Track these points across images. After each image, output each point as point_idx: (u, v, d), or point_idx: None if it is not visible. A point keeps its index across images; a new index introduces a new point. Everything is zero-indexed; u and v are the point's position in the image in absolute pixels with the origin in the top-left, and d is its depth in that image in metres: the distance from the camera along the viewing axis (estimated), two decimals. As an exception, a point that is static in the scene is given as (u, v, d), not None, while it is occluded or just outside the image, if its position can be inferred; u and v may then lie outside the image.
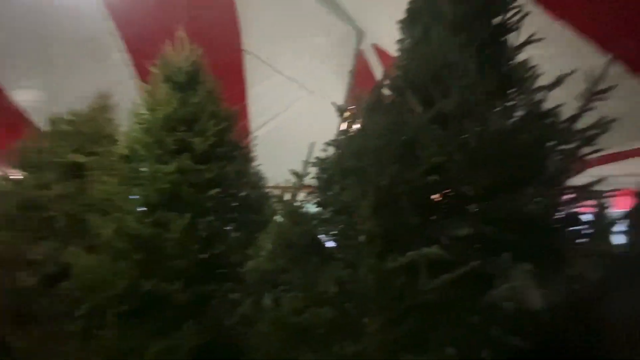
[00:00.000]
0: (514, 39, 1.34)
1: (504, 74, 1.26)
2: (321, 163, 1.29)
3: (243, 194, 1.93)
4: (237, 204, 1.86)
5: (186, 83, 1.94)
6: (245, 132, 2.37)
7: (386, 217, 1.03)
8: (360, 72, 3.75)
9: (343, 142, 1.30)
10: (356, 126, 1.45)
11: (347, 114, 1.67)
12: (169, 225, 1.56)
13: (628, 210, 1.06)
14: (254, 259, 1.37)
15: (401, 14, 1.53)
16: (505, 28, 1.35)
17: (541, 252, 0.98)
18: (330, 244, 1.28)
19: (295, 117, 4.43)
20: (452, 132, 1.11)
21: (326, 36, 3.55)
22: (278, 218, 1.34)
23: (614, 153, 2.98)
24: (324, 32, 3.51)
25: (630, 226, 0.98)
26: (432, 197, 1.13)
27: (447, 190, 1.12)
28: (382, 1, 3.15)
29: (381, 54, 3.94)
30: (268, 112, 4.25)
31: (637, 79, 2.27)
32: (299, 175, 1.30)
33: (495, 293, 0.83)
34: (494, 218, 1.03)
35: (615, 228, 1.02)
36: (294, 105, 4.11)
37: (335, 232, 1.24)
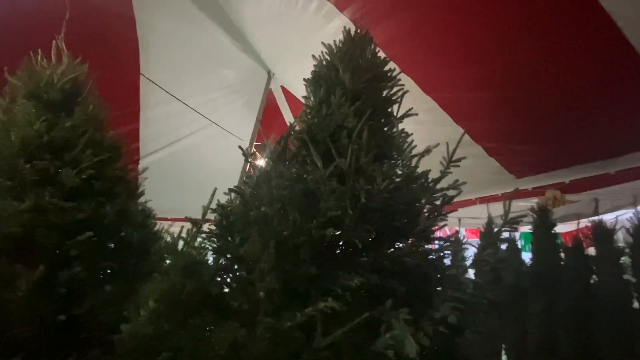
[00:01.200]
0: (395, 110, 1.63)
1: (388, 139, 1.50)
2: (223, 210, 1.24)
3: (122, 235, 1.67)
4: (115, 249, 1.59)
5: (59, 103, 1.63)
6: (133, 161, 2.09)
7: (286, 269, 1.04)
8: (268, 112, 3.85)
9: (247, 189, 1.29)
10: (260, 169, 1.45)
11: (253, 157, 1.68)
12: (14, 281, 1.20)
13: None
14: (130, 322, 1.16)
15: (305, 63, 1.69)
16: (390, 100, 1.62)
17: (416, 297, 1.14)
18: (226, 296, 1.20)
19: (196, 148, 4.20)
20: (347, 188, 1.24)
21: (236, 72, 3.56)
22: (166, 270, 1.20)
23: (463, 200, 3.78)
24: (234, 68, 3.52)
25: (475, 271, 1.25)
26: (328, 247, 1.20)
27: (341, 242, 1.22)
28: (290, 49, 3.39)
29: (288, 95, 4.18)
30: (163, 139, 3.91)
31: (477, 147, 3.00)
32: (196, 223, 1.21)
33: (379, 342, 0.92)
34: (380, 267, 1.16)
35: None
36: (195, 135, 3.90)
37: (233, 284, 1.18)
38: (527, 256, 3.27)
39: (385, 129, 1.52)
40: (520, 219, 1.23)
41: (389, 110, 1.60)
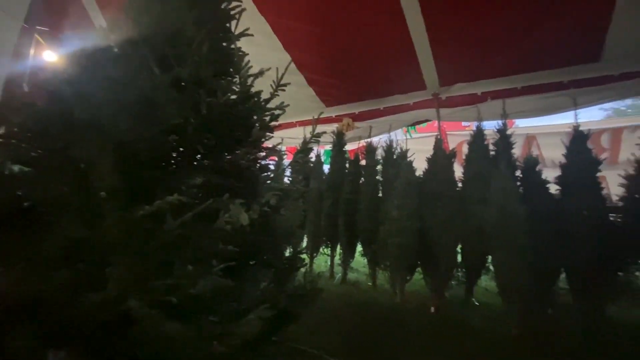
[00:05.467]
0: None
1: (227, 55, 1.58)
2: (32, 110, 1.05)
3: None
4: None
5: None
6: None
7: (128, 172, 1.09)
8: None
9: (63, 89, 1.12)
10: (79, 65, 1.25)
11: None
12: None
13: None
14: None
15: None
16: (229, 15, 1.65)
17: (247, 191, 1.46)
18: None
19: None
20: (187, 98, 1.31)
21: None
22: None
23: (286, 123, 4.37)
24: None
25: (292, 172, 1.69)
26: (171, 153, 1.29)
27: (184, 148, 1.33)
28: None
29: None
30: None
31: (300, 76, 3.44)
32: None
33: (219, 221, 1.19)
34: (219, 169, 1.39)
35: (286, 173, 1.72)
36: None
37: (65, 188, 1.10)
38: (326, 168, 4.30)
39: (224, 44, 1.59)
40: (321, 136, 1.72)
41: (227, 25, 1.65)
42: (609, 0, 2.23)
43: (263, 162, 1.66)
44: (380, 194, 3.70)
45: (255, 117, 1.60)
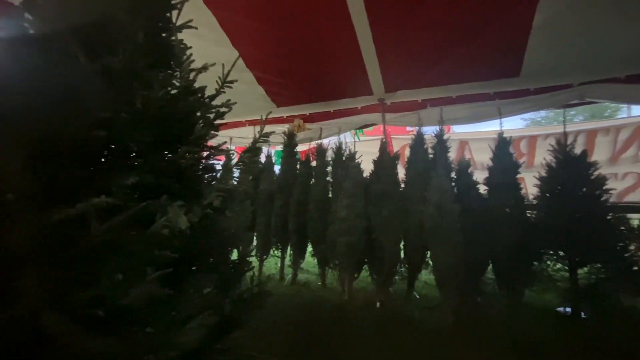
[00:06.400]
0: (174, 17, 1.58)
1: (166, 46, 1.48)
2: None
3: None
4: None
5: None
6: None
7: (45, 170, 0.96)
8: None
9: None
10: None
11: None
12: None
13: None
14: None
15: None
16: (170, 5, 1.54)
17: (188, 192, 1.38)
18: None
19: None
20: (119, 90, 1.19)
21: None
22: None
23: (235, 122, 4.24)
24: None
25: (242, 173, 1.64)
26: (99, 149, 1.17)
27: (114, 145, 1.21)
28: None
29: None
30: None
31: (249, 74, 3.36)
32: None
33: (155, 226, 1.11)
34: (156, 169, 1.29)
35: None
36: None
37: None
38: (277, 168, 4.26)
39: (164, 35, 1.48)
40: (270, 135, 1.70)
41: (168, 15, 1.54)
42: (525, 28, 2.56)
43: (207, 162, 1.59)
44: (330, 195, 3.76)
45: (198, 114, 1.52)
